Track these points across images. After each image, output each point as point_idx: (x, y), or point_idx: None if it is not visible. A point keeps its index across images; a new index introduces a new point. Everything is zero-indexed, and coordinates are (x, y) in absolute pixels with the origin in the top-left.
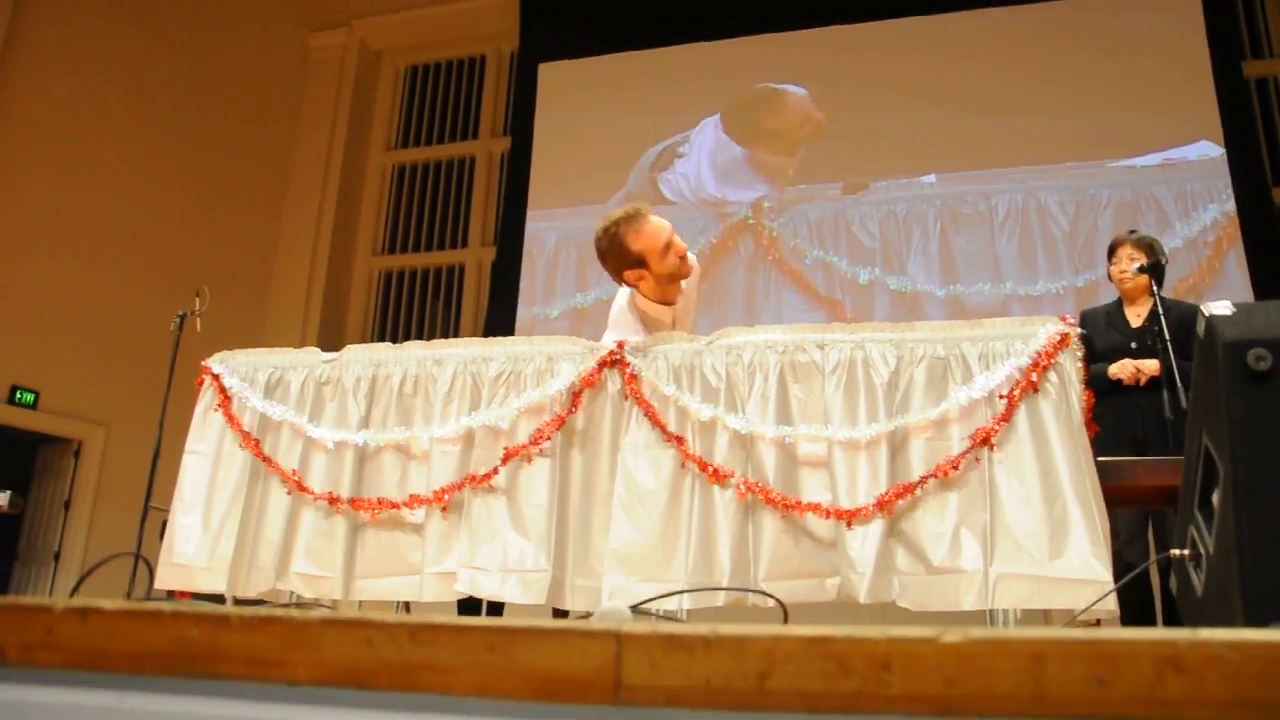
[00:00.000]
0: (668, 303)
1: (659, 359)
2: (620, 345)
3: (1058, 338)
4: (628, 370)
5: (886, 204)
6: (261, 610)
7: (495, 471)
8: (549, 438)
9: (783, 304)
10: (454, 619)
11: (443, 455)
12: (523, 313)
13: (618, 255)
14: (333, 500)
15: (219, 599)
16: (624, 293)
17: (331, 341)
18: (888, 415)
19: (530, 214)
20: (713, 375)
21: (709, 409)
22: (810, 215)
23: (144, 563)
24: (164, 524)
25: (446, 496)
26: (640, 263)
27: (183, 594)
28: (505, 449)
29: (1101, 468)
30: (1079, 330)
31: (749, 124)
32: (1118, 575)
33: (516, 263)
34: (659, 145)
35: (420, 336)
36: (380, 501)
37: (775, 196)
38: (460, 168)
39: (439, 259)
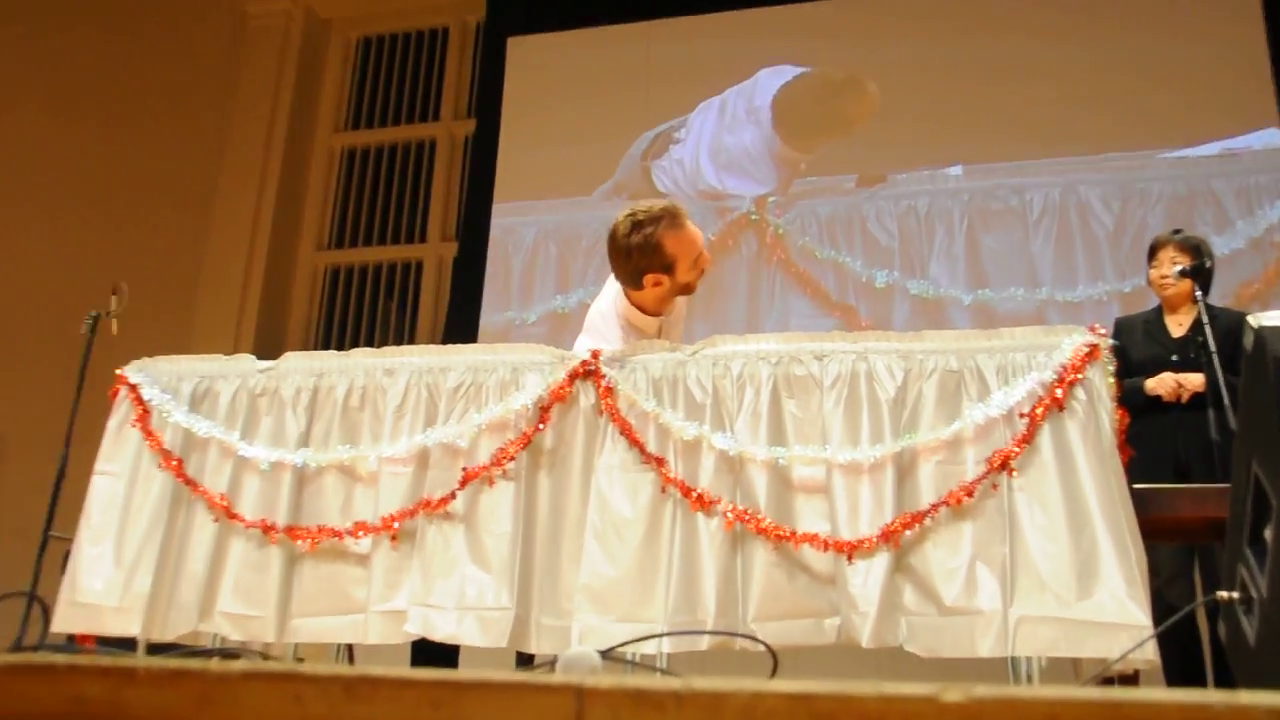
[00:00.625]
0: (657, 314)
1: (638, 370)
2: (595, 354)
3: (1086, 349)
4: (603, 383)
5: (906, 198)
6: (173, 662)
7: (452, 496)
8: (513, 458)
9: (789, 309)
10: (395, 670)
11: (393, 477)
12: (495, 318)
13: (649, 255)
14: (266, 528)
15: (130, 644)
16: (608, 294)
17: (269, 347)
18: (894, 435)
19: (498, 206)
20: (698, 389)
21: (693, 427)
22: (820, 211)
23: (39, 604)
24: (66, 556)
25: (397, 524)
26: (668, 268)
27: (86, 639)
28: (464, 470)
29: (1137, 496)
30: (1110, 341)
31: (798, 112)
32: (1158, 619)
33: (481, 260)
34: (652, 131)
35: (370, 342)
36: (321, 530)
37: (782, 190)
38: (418, 153)
39: (393, 254)
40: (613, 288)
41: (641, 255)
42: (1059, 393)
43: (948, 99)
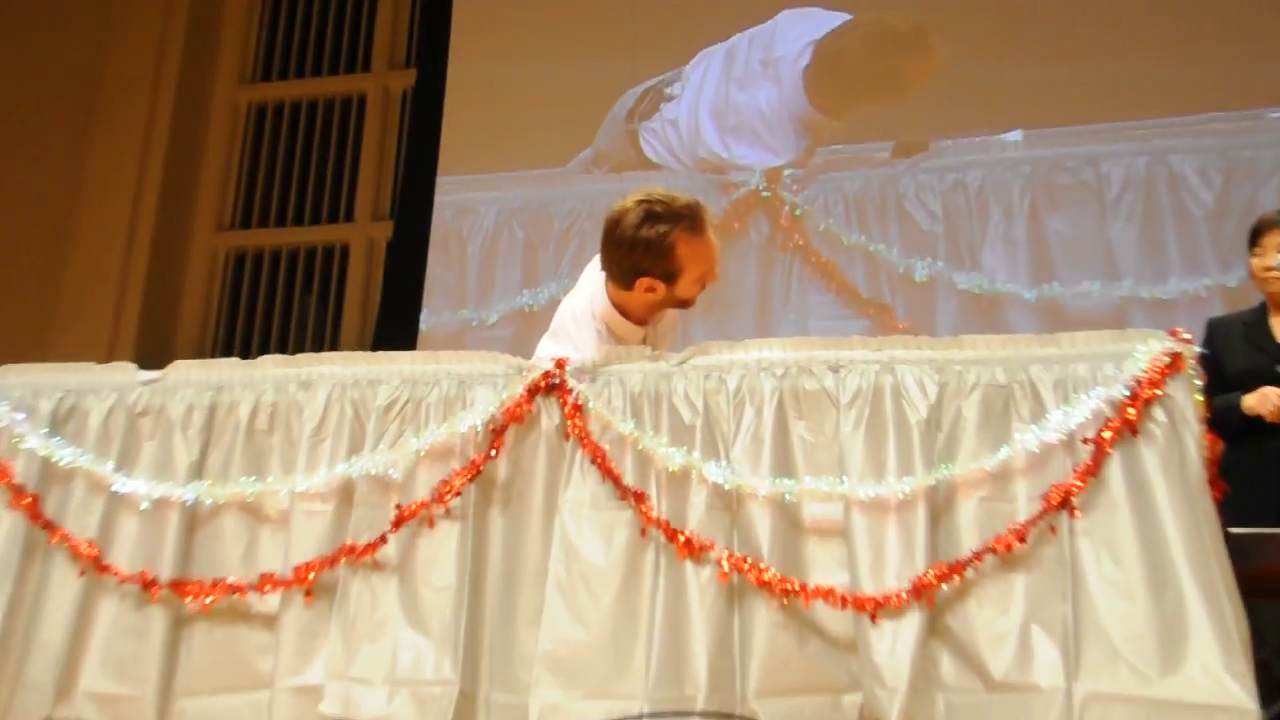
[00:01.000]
0: (642, 322)
1: (613, 384)
2: (560, 364)
3: (1166, 359)
4: (569, 399)
5: (954, 171)
6: None
7: (383, 540)
8: (459, 493)
9: (808, 308)
10: None
11: (308, 518)
12: (445, 318)
13: (655, 256)
14: (147, 583)
15: None
16: (584, 291)
17: (153, 354)
18: (926, 465)
19: (446, 179)
20: (686, 408)
21: (680, 454)
22: (848, 186)
23: None
24: None
25: (312, 576)
26: (670, 276)
27: None
28: (397, 508)
29: (1234, 542)
30: (1196, 349)
31: (842, 67)
32: (1264, 698)
33: (421, 245)
34: (640, 86)
35: (281, 348)
36: (217, 584)
37: (802, 161)
38: (344, 111)
39: (312, 236)
40: (590, 283)
41: (646, 254)
42: (1132, 413)
43: (1004, 48)
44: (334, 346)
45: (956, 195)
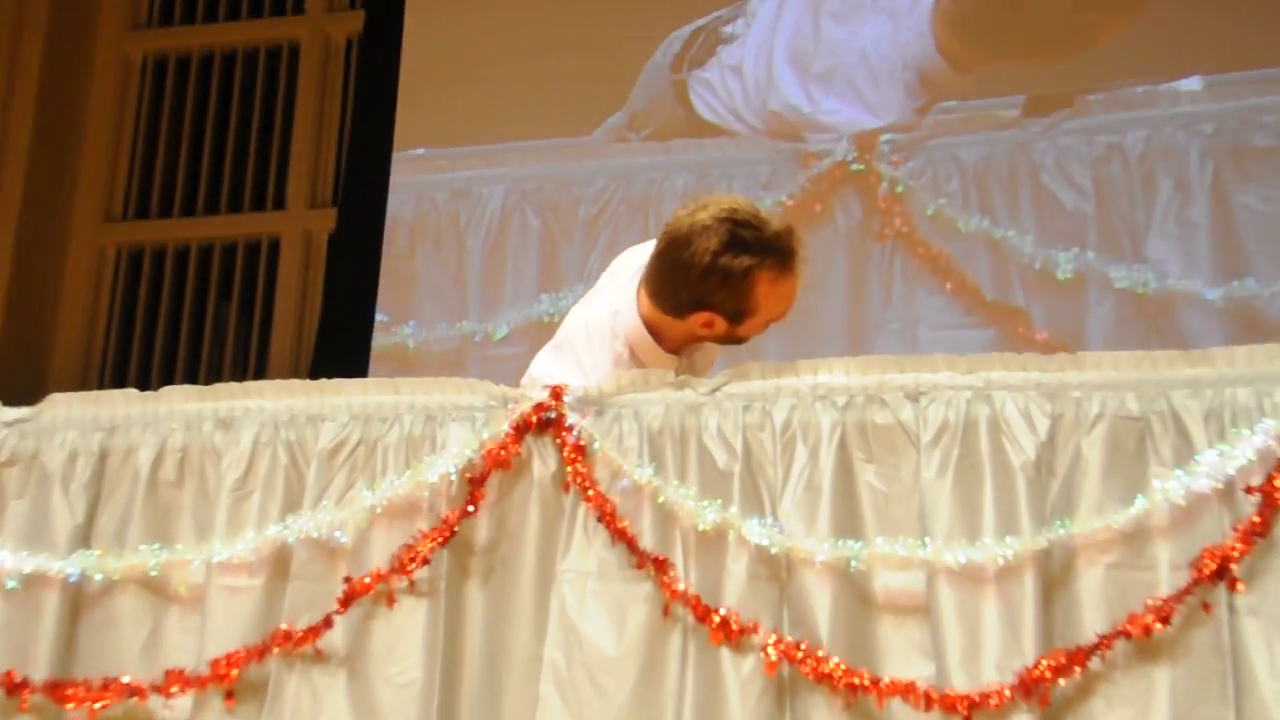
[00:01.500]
0: (676, 351)
1: (626, 419)
2: (556, 392)
3: None
4: (569, 438)
5: (1108, 133)
6: None
7: (327, 625)
8: (426, 561)
9: (915, 316)
10: None
11: (230, 596)
12: (441, 333)
13: (728, 292)
14: (14, 686)
15: None
16: (608, 300)
17: (21, 385)
18: (1036, 522)
19: (405, 157)
20: (721, 449)
21: (713, 509)
22: (966, 155)
23: None
24: None
25: (235, 672)
26: (737, 316)
27: None
28: (347, 582)
29: None
30: None
31: (997, 5)
32: None
33: (374, 238)
34: (686, 26)
35: (192, 376)
36: (109, 685)
37: (912, 123)
38: (271, 64)
39: (231, 229)
40: (615, 291)
41: (720, 287)
42: None
43: None
44: (261, 373)
45: (1111, 164)
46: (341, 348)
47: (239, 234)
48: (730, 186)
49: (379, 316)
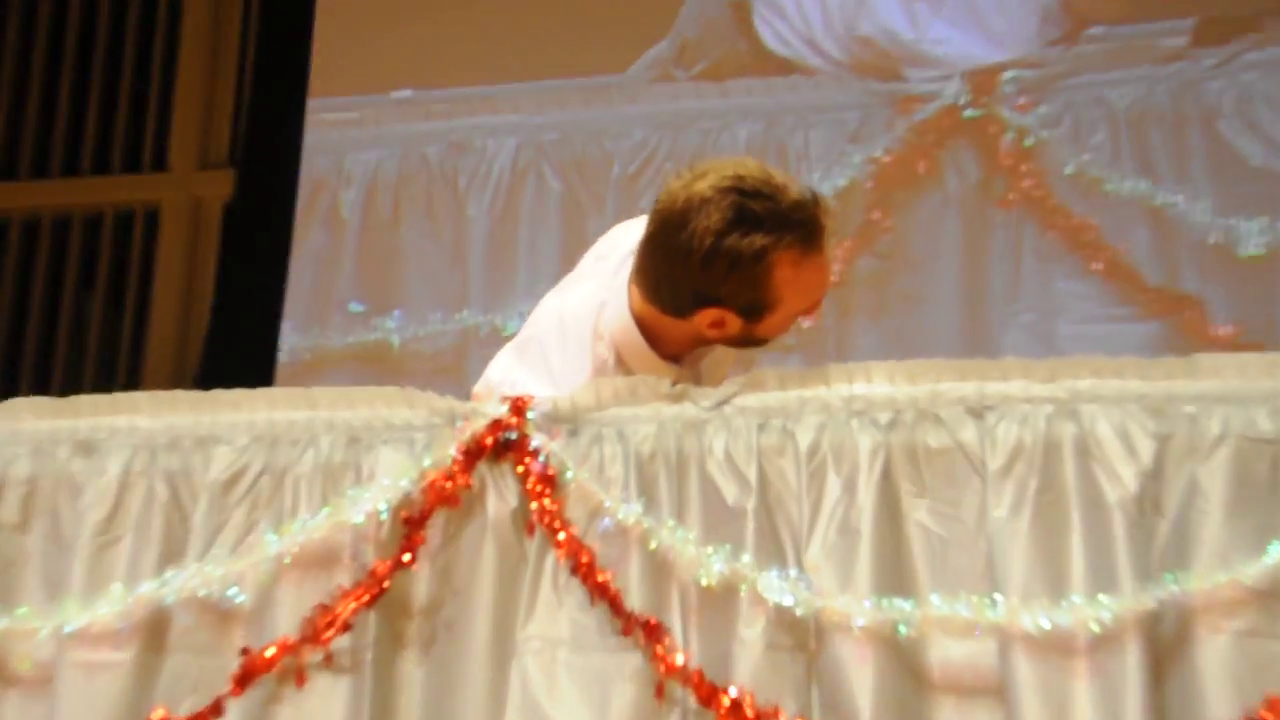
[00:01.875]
0: (676, 358)
1: (608, 441)
2: (517, 405)
3: None
4: (534, 466)
5: None
6: None
7: (217, 711)
8: (348, 626)
9: (1054, 304)
10: None
11: (88, 674)
12: (436, 322)
13: (738, 281)
14: None
15: None
16: (592, 291)
17: None
18: (1140, 575)
19: (329, 102)
20: (729, 479)
21: (720, 557)
22: (1115, 98)
23: None
24: None
25: None
26: (754, 312)
27: None
28: (244, 654)
29: None
30: None
31: None
32: None
33: (285, 204)
34: None
35: (42, 386)
36: None
37: (1049, 57)
38: None
39: (96, 194)
40: (598, 278)
41: (728, 276)
42: None
43: None
44: (134, 382)
45: None
46: (240, 349)
47: (105, 201)
48: (808, 139)
49: (352, 306)
